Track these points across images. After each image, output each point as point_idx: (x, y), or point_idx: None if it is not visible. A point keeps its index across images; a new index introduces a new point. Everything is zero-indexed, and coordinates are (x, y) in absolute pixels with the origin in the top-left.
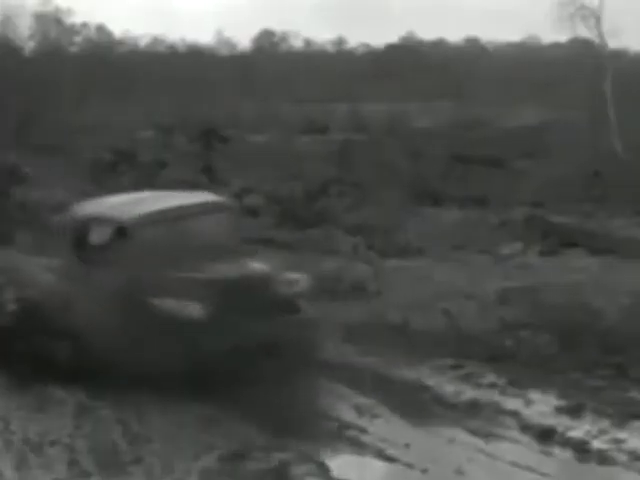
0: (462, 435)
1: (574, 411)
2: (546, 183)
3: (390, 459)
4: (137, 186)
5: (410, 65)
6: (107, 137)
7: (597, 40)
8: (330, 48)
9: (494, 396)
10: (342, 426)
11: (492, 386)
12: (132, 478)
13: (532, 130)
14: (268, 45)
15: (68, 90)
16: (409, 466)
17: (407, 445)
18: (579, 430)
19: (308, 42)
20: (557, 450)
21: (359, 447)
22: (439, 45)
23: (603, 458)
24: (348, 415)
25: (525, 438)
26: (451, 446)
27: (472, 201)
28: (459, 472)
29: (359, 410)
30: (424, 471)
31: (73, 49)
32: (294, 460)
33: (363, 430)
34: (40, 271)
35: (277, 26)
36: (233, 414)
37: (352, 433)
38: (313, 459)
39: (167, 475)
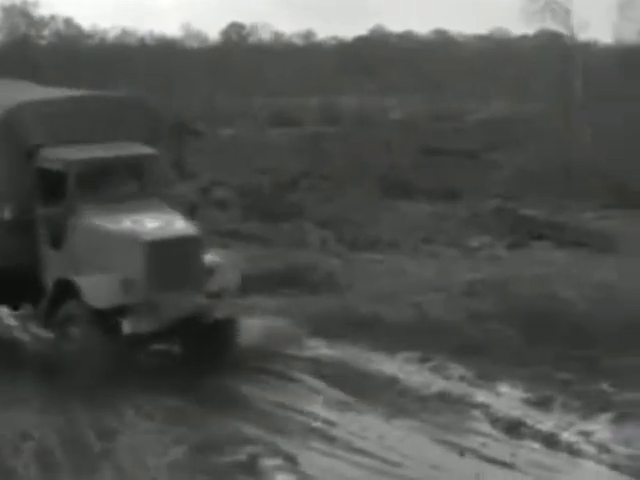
0: (431, 427)
1: (543, 404)
2: (517, 176)
3: (361, 452)
4: None
5: (380, 58)
6: None
7: (566, 32)
8: (299, 41)
9: (463, 388)
10: (312, 418)
11: (461, 379)
12: None
13: (503, 123)
14: (237, 38)
15: (37, 83)
16: (382, 460)
17: (379, 438)
18: (548, 423)
19: (277, 35)
20: (526, 442)
21: (328, 440)
22: (407, 37)
23: (572, 450)
24: (317, 407)
25: (494, 431)
26: (421, 438)
27: (443, 194)
28: (432, 466)
29: (328, 403)
30: (397, 465)
31: (42, 42)
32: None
33: (332, 423)
34: None
35: (245, 18)
36: None
37: (321, 426)
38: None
39: None
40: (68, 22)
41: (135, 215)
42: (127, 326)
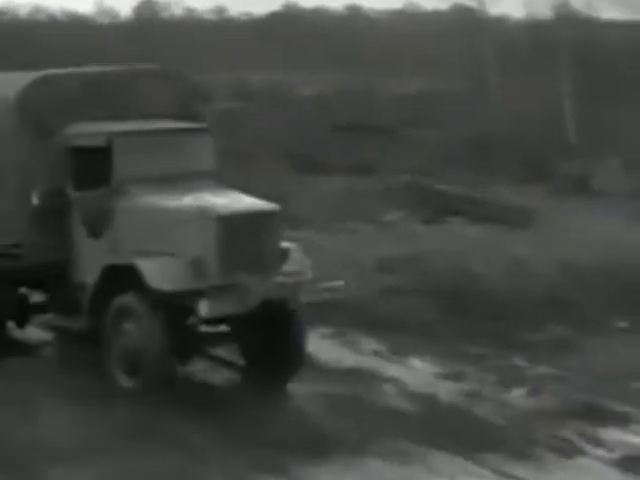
0: (342, 402)
1: (456, 378)
2: (434, 151)
3: (273, 428)
4: None
5: (294, 34)
6: None
7: (478, 7)
8: (211, 16)
9: (376, 363)
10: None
11: (374, 353)
12: None
13: (418, 99)
14: (149, 14)
15: None
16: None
17: (290, 414)
18: (460, 397)
19: (189, 11)
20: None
21: (246, 419)
22: (320, 13)
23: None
24: (234, 385)
25: (405, 404)
26: (333, 415)
27: (357, 170)
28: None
29: (243, 379)
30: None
31: None
32: None
33: (246, 400)
34: None
35: None
36: None
37: (237, 404)
38: None
39: None
40: None
41: (193, 193)
42: (205, 308)
